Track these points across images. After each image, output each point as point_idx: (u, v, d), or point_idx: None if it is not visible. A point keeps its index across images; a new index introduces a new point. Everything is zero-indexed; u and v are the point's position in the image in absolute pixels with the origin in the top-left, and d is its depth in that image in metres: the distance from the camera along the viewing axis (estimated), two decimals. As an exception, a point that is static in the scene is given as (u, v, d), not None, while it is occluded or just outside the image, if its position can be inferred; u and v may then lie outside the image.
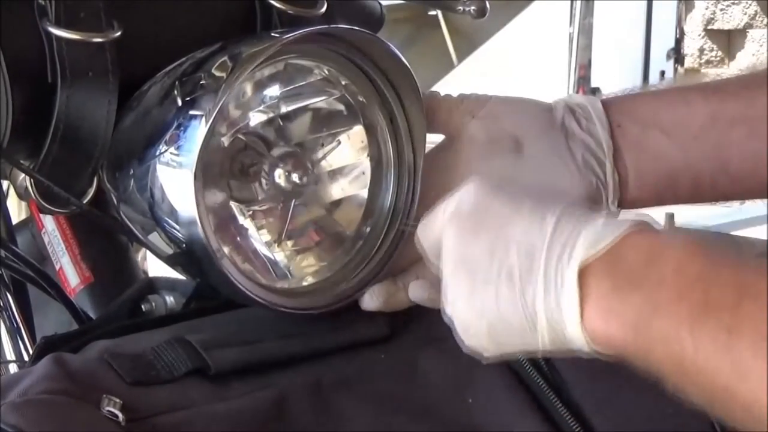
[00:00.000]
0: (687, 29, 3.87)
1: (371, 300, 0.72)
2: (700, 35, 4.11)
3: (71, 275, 0.91)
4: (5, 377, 0.67)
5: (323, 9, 0.79)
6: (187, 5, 0.77)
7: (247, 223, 0.71)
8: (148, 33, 0.74)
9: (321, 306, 0.71)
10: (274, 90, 0.71)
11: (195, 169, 0.64)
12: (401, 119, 0.74)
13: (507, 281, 0.56)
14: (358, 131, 0.74)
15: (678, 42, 3.44)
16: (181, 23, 0.77)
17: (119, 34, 0.68)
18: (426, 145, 0.75)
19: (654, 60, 3.29)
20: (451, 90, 0.77)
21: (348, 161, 0.74)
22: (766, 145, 0.70)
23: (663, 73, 3.34)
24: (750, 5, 4.02)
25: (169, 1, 0.75)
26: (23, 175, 0.71)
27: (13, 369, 0.88)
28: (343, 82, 0.73)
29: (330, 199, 0.74)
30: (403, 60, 0.71)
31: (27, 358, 0.84)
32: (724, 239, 0.60)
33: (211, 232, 0.66)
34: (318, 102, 0.73)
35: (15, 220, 0.99)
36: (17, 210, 1.07)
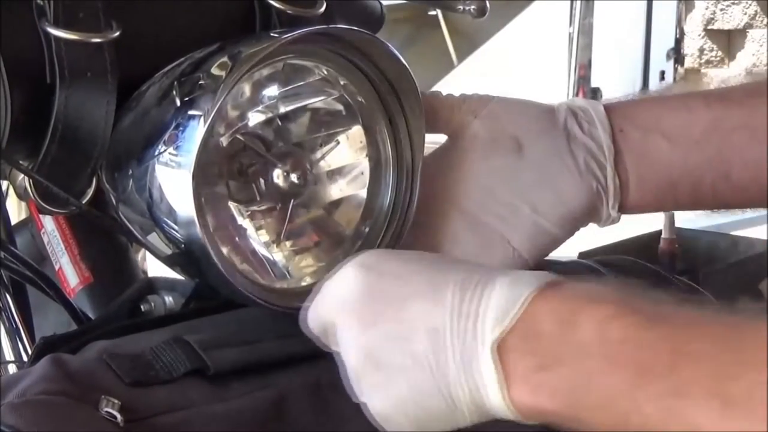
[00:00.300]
0: (687, 29, 3.87)
1: None
2: (700, 35, 4.11)
3: (70, 275, 0.91)
4: (4, 378, 0.67)
5: (322, 9, 0.79)
6: (187, 5, 0.77)
7: (246, 224, 0.71)
8: (147, 33, 0.74)
9: (320, 306, 0.71)
10: (272, 90, 0.71)
11: (193, 170, 0.64)
12: (400, 119, 0.74)
13: (419, 369, 0.54)
14: (356, 131, 0.74)
15: (678, 42, 3.45)
16: (180, 23, 0.77)
17: (118, 34, 0.68)
18: (427, 146, 0.75)
19: (654, 60, 3.30)
20: (452, 90, 0.76)
21: (347, 161, 0.74)
22: (766, 153, 0.70)
23: (663, 73, 3.34)
24: (750, 5, 4.02)
25: (168, 1, 0.75)
26: (22, 176, 0.71)
27: (12, 369, 0.88)
28: (342, 82, 0.73)
29: (329, 200, 0.74)
30: (402, 60, 0.71)
31: (26, 358, 0.84)
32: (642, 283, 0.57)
33: (210, 232, 0.67)
34: (317, 102, 0.73)
35: (14, 220, 0.99)
36: (17, 210, 1.07)
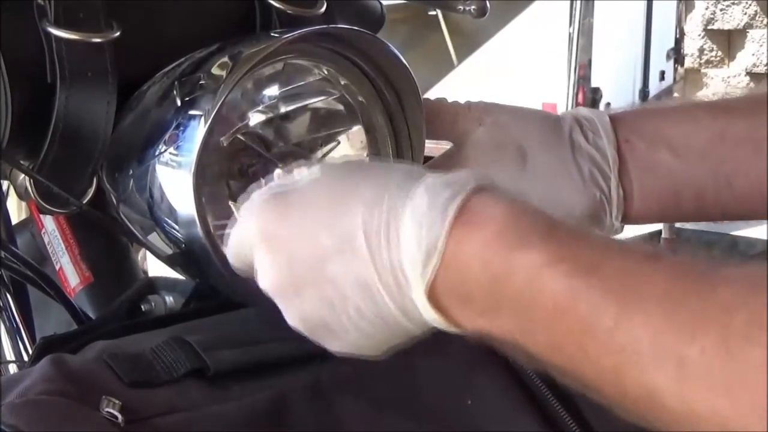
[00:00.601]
0: (687, 29, 3.87)
1: None
2: (700, 35, 4.10)
3: (71, 275, 0.91)
4: (5, 378, 0.67)
5: (323, 9, 0.79)
6: (187, 5, 0.77)
7: (247, 224, 0.71)
8: (147, 33, 0.74)
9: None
10: (273, 90, 0.71)
11: (194, 169, 0.64)
12: (400, 119, 0.74)
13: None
14: (357, 131, 0.74)
15: (678, 42, 3.44)
16: (181, 23, 0.77)
17: (118, 34, 0.68)
18: (431, 150, 0.75)
19: (654, 60, 3.29)
20: (452, 90, 0.77)
21: (347, 161, 0.74)
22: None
23: (663, 73, 3.33)
24: (750, 5, 4.02)
25: (169, 2, 0.75)
26: (23, 176, 0.71)
27: (13, 369, 0.88)
28: (343, 82, 0.73)
29: (329, 200, 0.74)
30: (403, 60, 0.71)
31: (27, 358, 0.84)
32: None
33: (210, 232, 0.66)
34: (317, 102, 0.73)
35: (15, 220, 0.99)
36: (17, 210, 1.07)
